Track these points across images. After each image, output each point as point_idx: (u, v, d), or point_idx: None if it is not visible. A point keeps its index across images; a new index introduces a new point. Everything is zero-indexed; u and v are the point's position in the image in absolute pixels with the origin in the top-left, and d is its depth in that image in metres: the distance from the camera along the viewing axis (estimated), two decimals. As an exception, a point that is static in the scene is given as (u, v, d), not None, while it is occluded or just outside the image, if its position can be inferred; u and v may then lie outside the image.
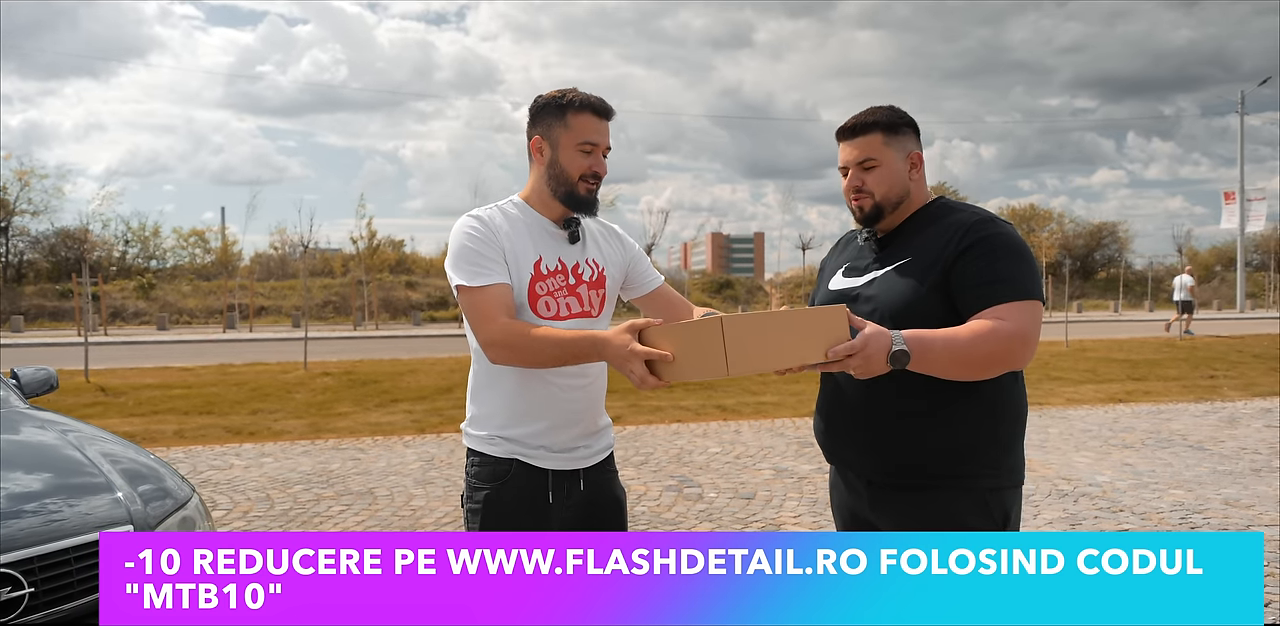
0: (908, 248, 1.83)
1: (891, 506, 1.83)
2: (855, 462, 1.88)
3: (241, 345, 18.75)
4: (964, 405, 1.75)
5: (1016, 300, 1.68)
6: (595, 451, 2.02)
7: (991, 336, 1.63)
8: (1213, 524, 4.34)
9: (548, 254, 1.94)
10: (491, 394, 1.95)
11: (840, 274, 1.96)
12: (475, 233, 1.88)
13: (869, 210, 1.85)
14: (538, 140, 1.93)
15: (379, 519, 4.51)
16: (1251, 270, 39.73)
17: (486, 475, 1.92)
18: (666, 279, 2.22)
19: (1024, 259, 1.74)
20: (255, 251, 38.59)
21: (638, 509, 4.67)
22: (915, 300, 1.75)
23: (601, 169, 1.93)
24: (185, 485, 2.39)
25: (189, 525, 2.24)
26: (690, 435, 6.96)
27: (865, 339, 1.55)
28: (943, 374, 1.65)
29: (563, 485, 1.95)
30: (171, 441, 6.92)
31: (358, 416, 8.15)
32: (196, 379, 11.01)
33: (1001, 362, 1.67)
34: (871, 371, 1.57)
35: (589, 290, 1.99)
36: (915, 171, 1.87)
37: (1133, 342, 15.97)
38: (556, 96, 1.92)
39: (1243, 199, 36.73)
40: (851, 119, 1.88)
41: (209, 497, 4.97)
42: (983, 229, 1.75)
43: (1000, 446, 1.80)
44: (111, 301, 28.01)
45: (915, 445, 1.78)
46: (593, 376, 1.99)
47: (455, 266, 1.86)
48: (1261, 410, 8.23)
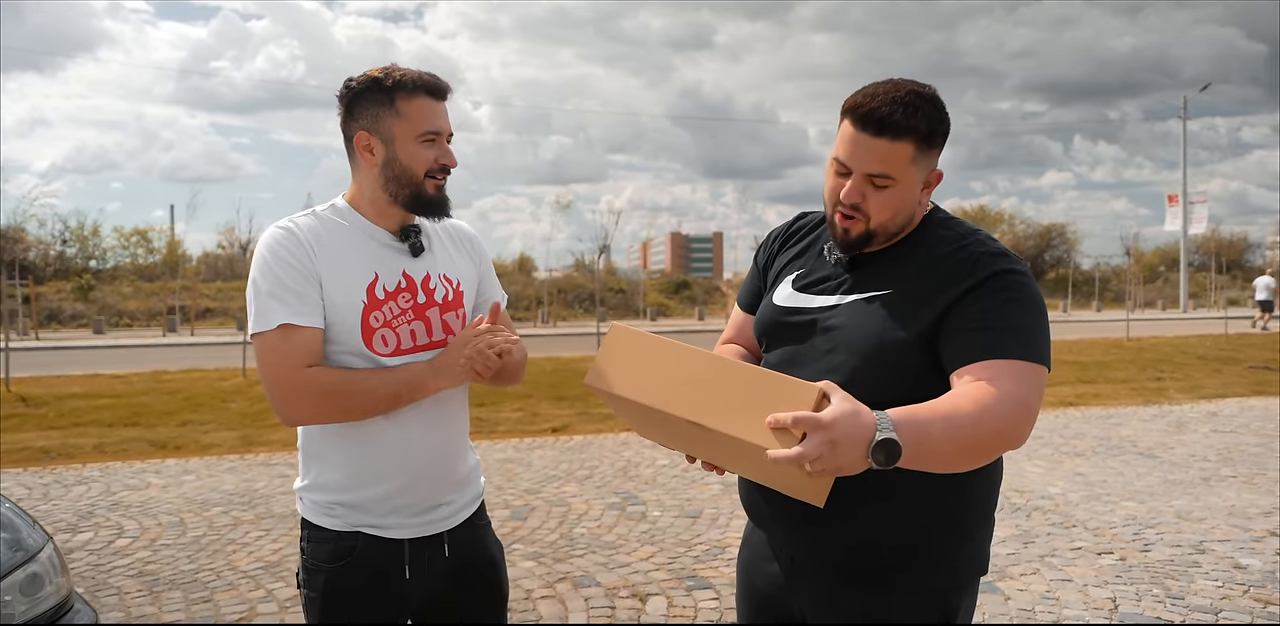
0: (889, 275, 1.42)
1: (812, 592, 1.48)
2: (775, 532, 1.52)
3: (182, 350, 18.10)
4: (932, 481, 1.30)
5: (1024, 360, 1.26)
6: (460, 506, 1.70)
7: (999, 409, 1.19)
8: (1166, 539, 4.24)
9: (386, 271, 1.58)
10: (324, 448, 1.60)
11: (790, 283, 1.54)
12: (283, 251, 1.51)
13: (856, 236, 1.41)
14: (363, 136, 1.55)
15: (297, 546, 4.20)
16: (1193, 270, 40.76)
17: (325, 554, 1.58)
18: (623, 280, 1.93)
19: (1041, 312, 1.34)
20: (204, 251, 37.52)
21: (577, 530, 4.45)
22: (892, 345, 1.35)
23: (451, 160, 1.58)
24: (38, 534, 2.11)
25: (36, 582, 1.96)
26: (639, 446, 6.74)
27: (835, 416, 1.06)
28: (929, 467, 1.19)
29: (422, 554, 1.63)
30: (89, 457, 6.51)
31: (292, 427, 7.78)
32: (127, 387, 10.52)
33: (1004, 445, 1.23)
34: (839, 468, 1.07)
35: (442, 313, 1.63)
36: (927, 192, 1.44)
37: (1081, 344, 16.14)
38: (377, 78, 1.53)
39: (1185, 201, 37.65)
40: (882, 104, 1.33)
41: (116, 522, 4.62)
42: (995, 264, 1.35)
43: (963, 532, 1.41)
44: (47, 303, 26.94)
45: (861, 530, 1.39)
46: (453, 412, 1.66)
47: (253, 298, 1.52)
48: (1207, 414, 8.28)
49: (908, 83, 1.37)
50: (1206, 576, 3.72)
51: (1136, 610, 3.36)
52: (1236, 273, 42.85)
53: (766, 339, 1.56)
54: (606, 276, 31.81)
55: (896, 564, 1.40)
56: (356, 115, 1.56)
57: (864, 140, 1.34)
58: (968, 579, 1.44)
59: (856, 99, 1.36)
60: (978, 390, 1.22)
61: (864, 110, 1.34)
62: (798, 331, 1.48)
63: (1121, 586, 3.61)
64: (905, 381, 1.34)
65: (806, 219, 1.65)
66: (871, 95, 1.35)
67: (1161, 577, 3.71)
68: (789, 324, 1.50)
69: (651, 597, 3.53)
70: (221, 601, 3.51)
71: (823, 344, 1.43)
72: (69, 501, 5.11)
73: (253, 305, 1.52)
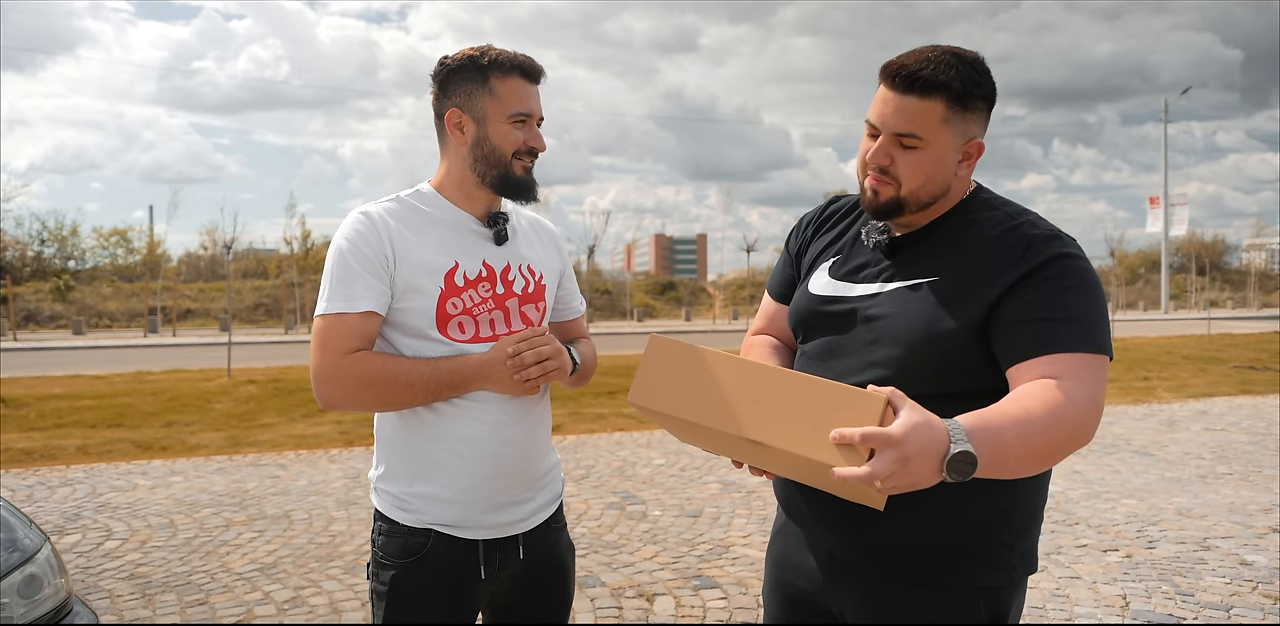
0: (934, 261, 1.33)
1: (854, 591, 1.40)
2: (813, 528, 1.44)
3: (163, 351, 17.86)
4: (986, 479, 1.17)
5: (1088, 352, 1.19)
6: (538, 506, 1.63)
7: (1069, 412, 1.12)
8: (1169, 536, 4.23)
9: (467, 258, 1.54)
10: (397, 438, 1.56)
11: (826, 271, 1.45)
12: (356, 237, 1.50)
13: (885, 202, 1.32)
14: (455, 113, 1.53)
15: (293, 547, 4.12)
16: (1173, 272, 41.21)
17: (396, 549, 1.53)
18: (609, 282, 1.90)
19: (1100, 299, 1.26)
20: (186, 251, 37.14)
21: (578, 530, 4.38)
22: (940, 336, 1.26)
23: (540, 144, 1.56)
24: (35, 534, 2.02)
25: (35, 584, 1.87)
26: (634, 445, 6.68)
27: (907, 429, 0.99)
28: (1001, 475, 1.11)
29: (495, 556, 1.57)
30: (73, 458, 6.37)
31: (281, 428, 7.67)
32: (109, 388, 10.34)
33: (1077, 446, 1.16)
34: (910, 483, 1.01)
35: (521, 304, 1.59)
36: (966, 165, 1.34)
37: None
38: (473, 56, 1.52)
39: (1167, 204, 38.05)
40: (913, 61, 1.26)
41: (104, 524, 4.51)
42: (1050, 248, 1.26)
43: (1015, 530, 1.34)
44: (24, 304, 26.54)
45: (912, 530, 1.32)
46: (531, 405, 1.60)
47: (324, 283, 1.51)
48: (1197, 412, 8.32)
49: (949, 47, 1.30)
50: (1214, 573, 3.71)
51: (1148, 607, 3.34)
52: (1215, 274, 43.36)
53: (804, 330, 1.47)
54: (592, 277, 31.73)
55: (947, 563, 1.33)
56: (449, 93, 1.54)
57: (892, 98, 1.27)
58: (1020, 577, 1.37)
59: (890, 60, 1.30)
60: (1045, 390, 1.14)
61: (895, 67, 1.28)
62: (837, 322, 1.39)
63: (1131, 583, 3.59)
64: (954, 375, 1.27)
65: (841, 202, 1.55)
66: (909, 55, 1.29)
67: (1169, 574, 3.69)
68: (828, 313, 1.41)
69: (659, 597, 3.47)
70: (217, 604, 3.41)
71: (865, 335, 1.34)
72: (54, 503, 4.98)
73: (322, 288, 1.52)
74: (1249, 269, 46.52)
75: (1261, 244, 52.55)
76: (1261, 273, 46.36)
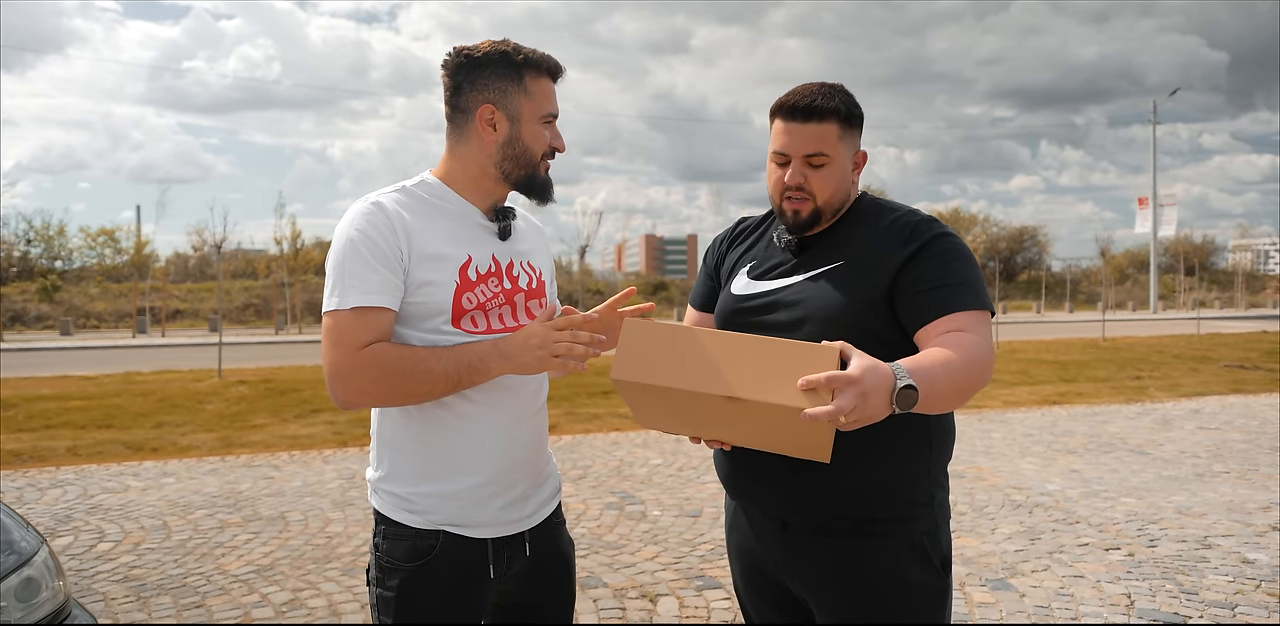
0: (837, 250, 1.56)
1: (812, 556, 1.53)
2: (766, 502, 1.57)
3: (152, 351, 17.72)
4: (905, 432, 1.49)
5: (976, 309, 1.44)
6: (542, 501, 1.62)
7: (978, 354, 1.35)
8: (1170, 535, 4.23)
9: (479, 252, 1.51)
10: (403, 435, 1.52)
11: (745, 275, 1.65)
12: (369, 228, 1.43)
13: (806, 216, 1.54)
14: (489, 109, 1.48)
15: (289, 549, 4.07)
16: (1162, 272, 41.46)
17: (403, 552, 1.49)
18: (600, 282, 1.87)
19: (975, 266, 1.52)
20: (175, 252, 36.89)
21: (578, 530, 4.34)
22: (854, 309, 1.48)
23: (562, 145, 1.56)
24: (32, 536, 1.97)
25: (32, 587, 1.83)
26: (630, 445, 6.65)
27: (862, 370, 1.16)
28: (933, 409, 1.30)
29: (503, 554, 1.55)
30: (63, 460, 6.29)
31: (274, 428, 7.61)
32: (98, 389, 10.24)
33: (984, 383, 1.38)
34: (867, 417, 1.17)
35: (528, 299, 1.58)
36: (856, 172, 1.60)
37: (1059, 344, 16.30)
38: (507, 52, 1.48)
39: (1155, 204, 38.26)
40: (803, 95, 1.52)
41: (96, 526, 4.45)
42: (930, 228, 1.53)
43: (933, 479, 1.56)
44: (11, 304, 26.30)
45: (848, 483, 1.50)
46: (537, 397, 1.60)
47: (333, 277, 1.44)
48: (1190, 411, 8.34)
49: (822, 82, 1.56)
50: (1216, 571, 3.70)
51: (1152, 606, 3.33)
52: (1203, 275, 43.63)
53: (730, 327, 1.59)
54: (584, 277, 31.63)
55: (882, 513, 1.52)
56: (480, 86, 1.49)
57: (795, 128, 1.52)
58: (943, 522, 1.57)
59: (780, 100, 1.55)
60: (954, 339, 1.37)
61: (790, 104, 1.53)
62: (760, 313, 1.57)
63: (1134, 582, 3.58)
64: (869, 343, 1.39)
65: (748, 221, 1.77)
66: (791, 93, 1.55)
67: (1172, 573, 3.69)
68: (751, 308, 1.59)
69: (662, 598, 3.44)
70: (214, 606, 3.36)
71: (786, 318, 1.53)
72: (45, 505, 4.92)
73: (329, 281, 1.45)
74: (1236, 269, 46.85)
75: (1247, 245, 52.97)
76: (1249, 273, 46.73)
